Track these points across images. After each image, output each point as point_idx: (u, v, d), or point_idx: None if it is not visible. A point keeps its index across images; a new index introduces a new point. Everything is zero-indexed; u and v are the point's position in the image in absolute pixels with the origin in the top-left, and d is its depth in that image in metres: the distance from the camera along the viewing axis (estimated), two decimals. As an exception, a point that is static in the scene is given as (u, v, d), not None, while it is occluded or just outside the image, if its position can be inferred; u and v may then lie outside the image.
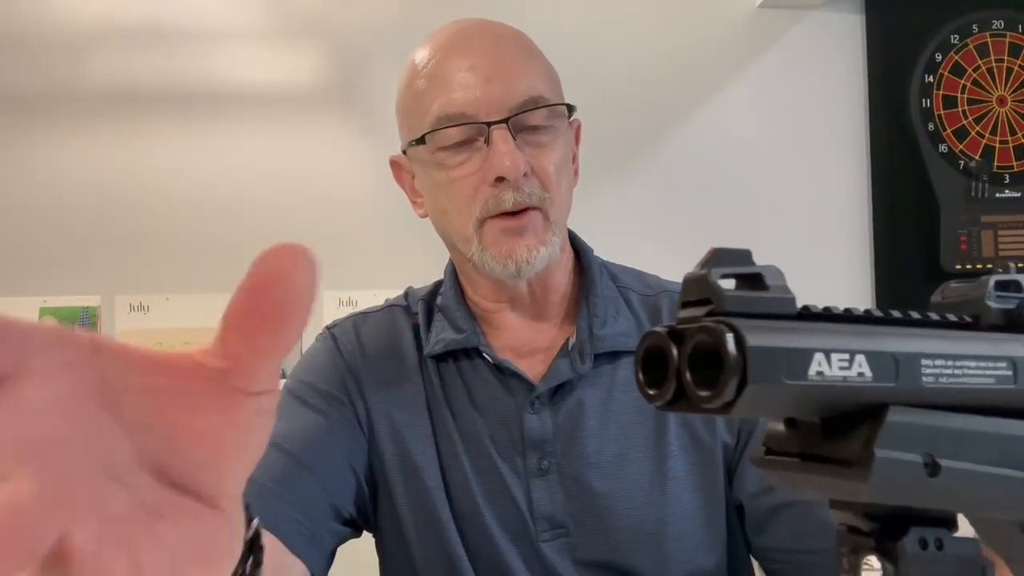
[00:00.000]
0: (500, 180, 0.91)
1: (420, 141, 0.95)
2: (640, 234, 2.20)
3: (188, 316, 2.11)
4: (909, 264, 2.32)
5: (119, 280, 2.14)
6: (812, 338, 0.32)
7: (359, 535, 1.02)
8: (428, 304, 1.04)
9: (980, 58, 2.38)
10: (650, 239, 2.18)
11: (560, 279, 1.01)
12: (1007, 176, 2.37)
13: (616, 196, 2.22)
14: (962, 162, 2.35)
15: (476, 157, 0.93)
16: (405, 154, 1.01)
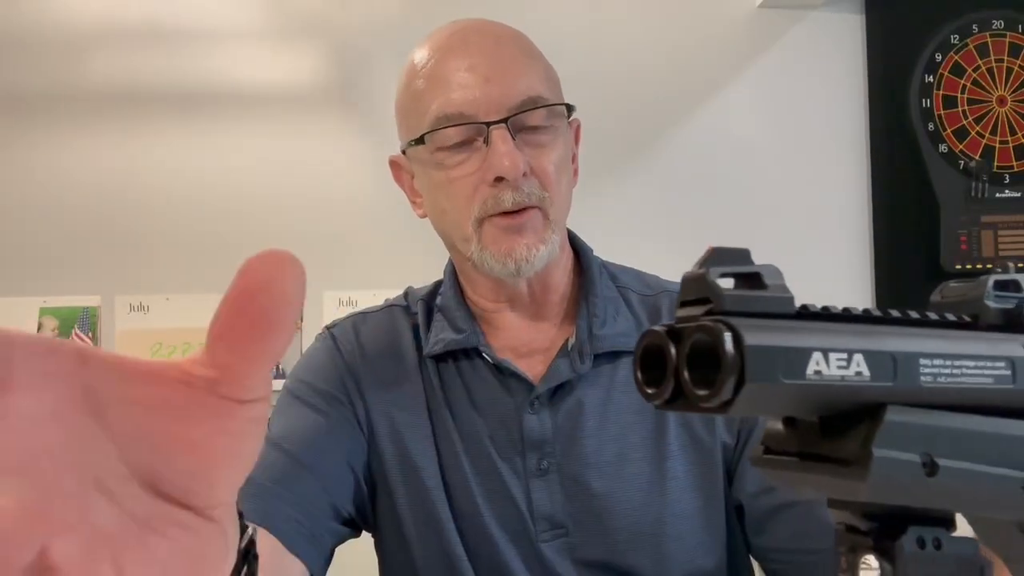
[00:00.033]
0: (499, 180, 0.91)
1: (419, 141, 0.95)
2: (640, 234, 2.19)
3: (188, 316, 2.10)
4: (909, 264, 2.32)
5: (119, 280, 2.13)
6: (810, 337, 0.32)
7: (358, 535, 1.02)
8: (428, 304, 1.04)
9: (980, 58, 2.37)
10: (650, 239, 2.18)
11: (560, 279, 1.01)
12: (1007, 176, 2.36)
13: (616, 196, 2.22)
14: (962, 162, 2.35)
15: (475, 157, 0.93)
16: (404, 154, 1.01)
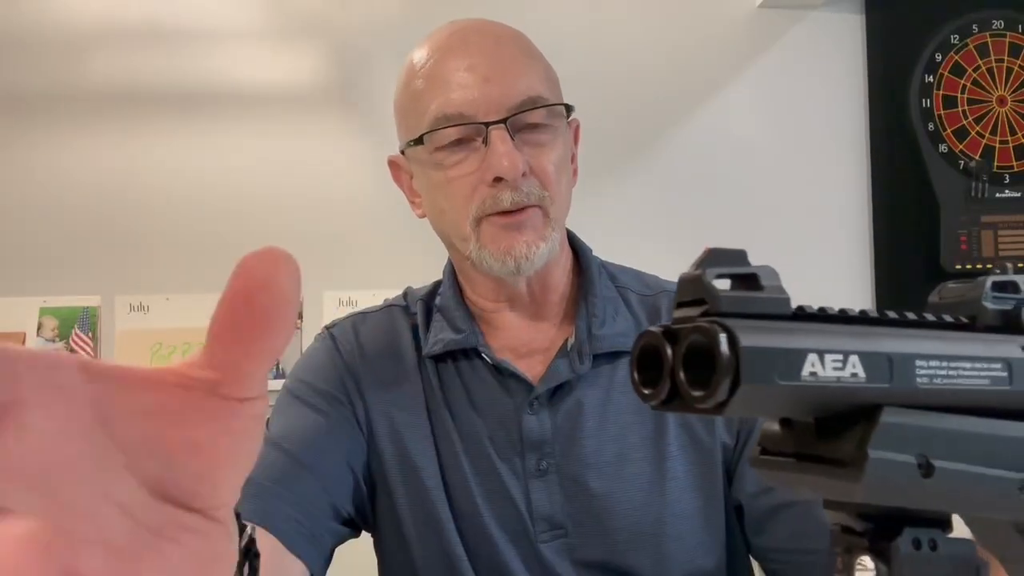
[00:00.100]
0: (498, 180, 0.91)
1: (418, 141, 0.95)
2: (640, 234, 2.19)
3: (188, 316, 2.10)
4: (909, 264, 2.32)
5: (119, 280, 2.14)
6: (806, 338, 0.32)
7: (358, 535, 1.02)
8: (427, 304, 1.04)
9: (980, 58, 2.37)
10: (650, 239, 2.18)
11: (559, 279, 1.01)
12: (1007, 176, 2.36)
13: (616, 196, 2.22)
14: (962, 162, 2.35)
15: (474, 157, 0.92)
16: (403, 154, 1.01)
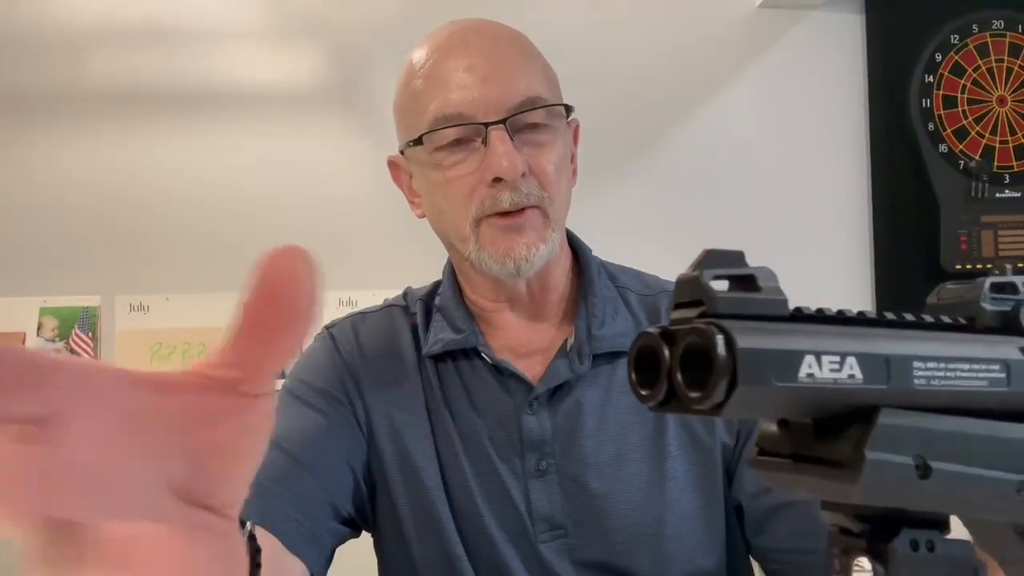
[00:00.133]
0: (497, 181, 0.91)
1: (417, 142, 0.95)
2: (640, 234, 2.19)
3: (188, 316, 2.11)
4: (909, 264, 2.32)
5: (119, 280, 2.14)
6: (803, 340, 0.32)
7: (358, 535, 1.02)
8: (427, 304, 1.04)
9: (980, 58, 2.37)
10: (650, 239, 2.18)
11: (559, 279, 1.01)
12: (1007, 176, 2.36)
13: (616, 196, 2.22)
14: (962, 162, 2.35)
15: (473, 157, 0.92)
16: (402, 154, 1.01)
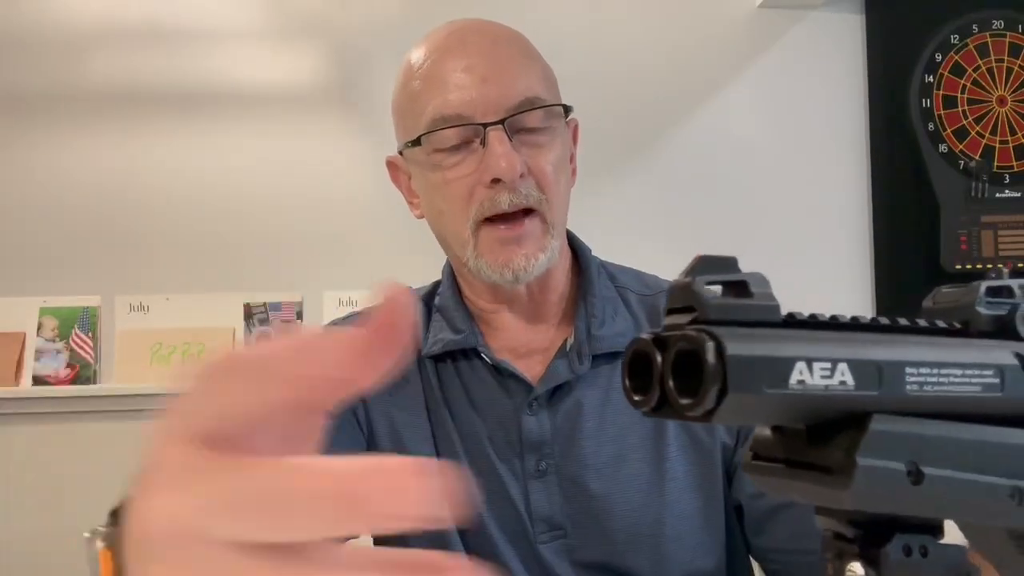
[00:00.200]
0: (496, 182, 0.90)
1: (416, 142, 0.94)
2: (639, 234, 2.19)
3: (188, 316, 2.11)
4: (909, 264, 2.31)
5: (119, 280, 2.14)
6: (794, 346, 0.32)
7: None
8: (426, 304, 1.03)
9: (980, 58, 2.37)
10: (649, 239, 2.18)
11: (559, 279, 1.01)
12: (1007, 176, 2.36)
13: (615, 196, 2.22)
14: (962, 162, 2.34)
15: (472, 158, 0.92)
16: (401, 155, 1.01)
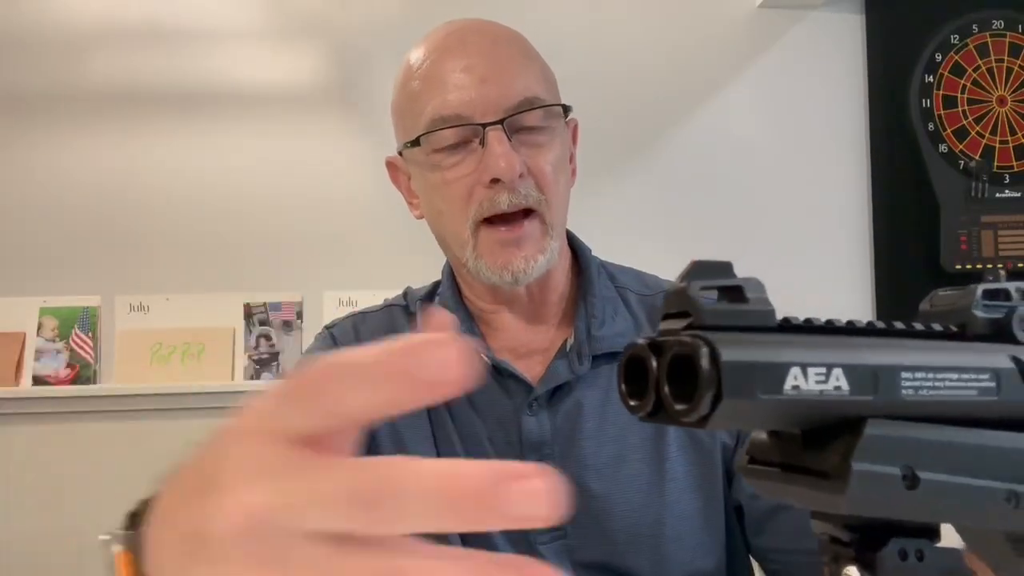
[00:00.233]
0: (495, 182, 0.90)
1: (415, 143, 0.94)
2: (639, 234, 2.19)
3: (188, 316, 2.11)
4: (909, 264, 2.31)
5: (119, 280, 2.14)
6: (789, 352, 0.32)
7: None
8: (426, 304, 1.04)
9: (980, 58, 2.37)
10: (649, 239, 2.18)
11: (558, 280, 1.01)
12: (1007, 176, 2.36)
13: (615, 196, 2.22)
14: (962, 162, 2.34)
15: (471, 159, 0.92)
16: (400, 155, 1.01)
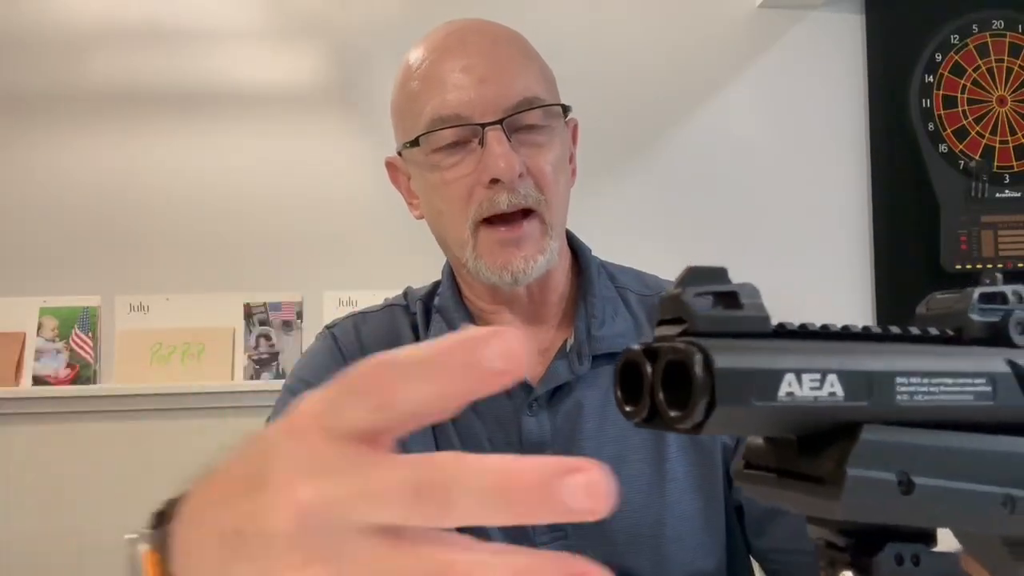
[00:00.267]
0: (495, 182, 0.90)
1: (414, 143, 0.94)
2: (639, 234, 2.19)
3: (188, 316, 2.10)
4: (909, 264, 2.31)
5: (119, 280, 2.14)
6: (783, 358, 0.32)
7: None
8: (426, 305, 1.03)
9: (980, 58, 2.37)
10: (649, 239, 2.18)
11: (558, 280, 1.00)
12: (1007, 176, 2.36)
13: (615, 196, 2.22)
14: (962, 162, 2.34)
15: (470, 159, 0.92)
16: (400, 156, 1.01)
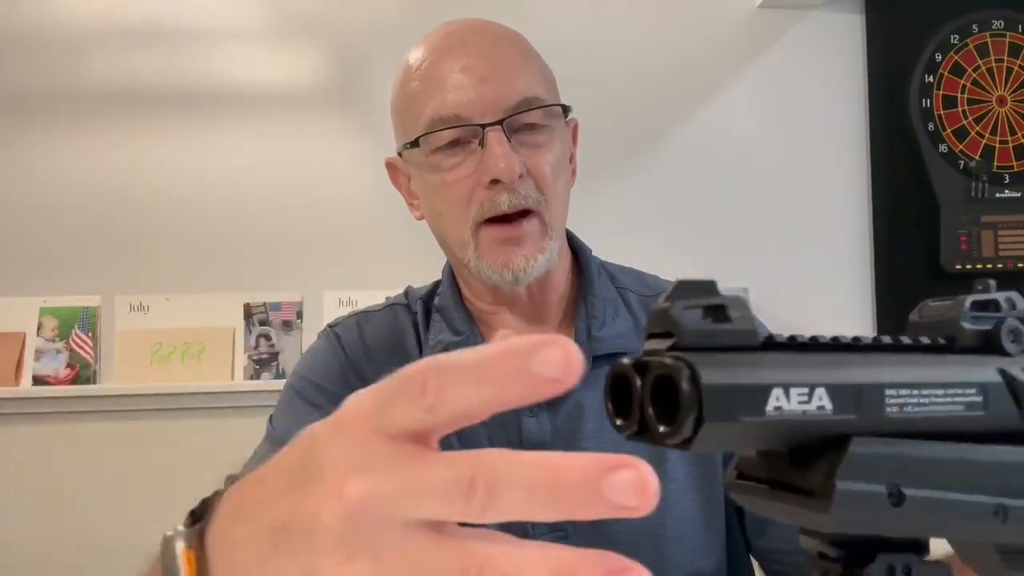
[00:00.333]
0: (495, 182, 0.90)
1: (414, 143, 0.94)
2: (639, 234, 2.19)
3: (188, 316, 2.11)
4: (909, 264, 2.31)
5: (119, 280, 2.14)
6: (771, 372, 0.32)
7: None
8: (426, 304, 1.03)
9: (980, 58, 2.37)
10: (649, 239, 2.18)
11: (559, 280, 1.00)
12: (1007, 176, 2.36)
13: (615, 196, 2.22)
14: (962, 162, 2.34)
15: (471, 159, 0.92)
16: (400, 156, 1.01)
